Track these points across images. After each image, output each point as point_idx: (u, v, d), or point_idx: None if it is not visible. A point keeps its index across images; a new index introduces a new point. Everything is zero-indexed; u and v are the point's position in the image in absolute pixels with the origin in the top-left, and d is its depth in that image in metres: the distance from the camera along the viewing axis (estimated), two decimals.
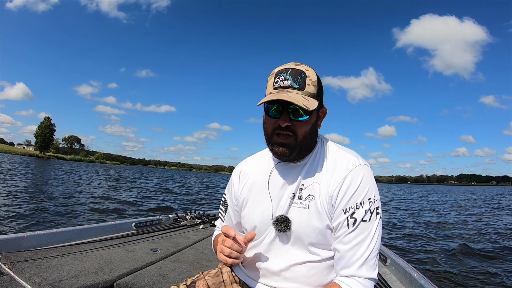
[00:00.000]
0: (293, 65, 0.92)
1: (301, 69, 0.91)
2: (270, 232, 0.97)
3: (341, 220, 0.88)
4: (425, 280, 1.60)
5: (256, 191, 1.03)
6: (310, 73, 0.91)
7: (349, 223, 0.87)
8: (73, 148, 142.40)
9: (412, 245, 5.89)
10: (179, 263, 1.82)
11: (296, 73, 0.90)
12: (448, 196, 33.00)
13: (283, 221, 0.93)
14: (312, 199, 0.92)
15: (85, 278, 1.44)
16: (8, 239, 1.68)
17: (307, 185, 0.94)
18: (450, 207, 16.54)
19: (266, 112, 0.94)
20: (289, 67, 0.91)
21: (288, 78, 0.90)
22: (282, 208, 0.95)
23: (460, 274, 4.16)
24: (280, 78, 0.91)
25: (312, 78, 0.91)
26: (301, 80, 0.90)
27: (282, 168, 0.99)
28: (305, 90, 0.90)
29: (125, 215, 7.32)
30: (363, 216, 0.87)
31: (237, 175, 1.12)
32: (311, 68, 0.93)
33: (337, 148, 0.99)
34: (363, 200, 0.88)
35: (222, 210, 1.18)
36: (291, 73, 0.90)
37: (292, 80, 0.90)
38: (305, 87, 0.90)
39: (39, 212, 6.34)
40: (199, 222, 3.10)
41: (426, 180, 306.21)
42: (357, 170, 0.90)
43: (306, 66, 0.93)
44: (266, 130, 0.96)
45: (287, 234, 0.94)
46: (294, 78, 0.90)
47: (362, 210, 0.87)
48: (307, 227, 0.92)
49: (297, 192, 0.95)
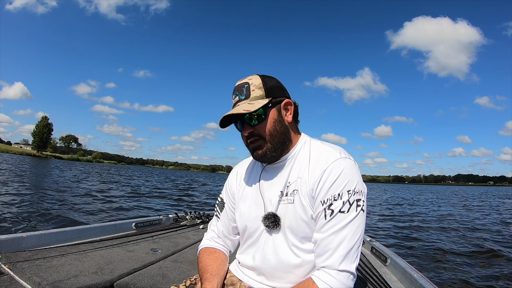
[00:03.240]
0: (238, 82, 1.02)
1: (244, 82, 1.00)
2: (262, 231, 1.01)
3: (319, 211, 0.90)
4: (425, 280, 1.60)
5: (249, 192, 1.08)
6: (253, 80, 0.99)
7: (326, 214, 0.88)
8: (71, 147, 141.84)
9: (411, 245, 5.91)
10: (179, 263, 1.81)
11: (241, 87, 1.00)
12: (453, 196, 33.12)
13: (271, 217, 0.97)
14: (296, 194, 0.96)
15: (85, 278, 1.43)
16: (8, 239, 1.67)
17: (292, 181, 0.98)
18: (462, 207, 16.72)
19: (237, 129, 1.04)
20: (236, 86, 1.02)
21: (237, 94, 1.00)
22: (272, 207, 0.99)
23: (461, 274, 4.18)
24: (233, 98, 1.02)
25: (255, 83, 0.99)
26: (246, 90, 0.98)
27: (271, 168, 1.05)
28: (251, 96, 0.97)
29: (125, 215, 7.30)
30: (341, 207, 0.87)
31: (234, 176, 1.17)
32: (255, 75, 1.01)
33: (321, 144, 1.02)
34: (342, 192, 0.88)
35: (218, 210, 1.18)
36: (237, 90, 1.01)
37: (239, 94, 1.00)
38: (250, 95, 0.98)
39: (39, 212, 6.30)
40: (199, 222, 3.11)
41: (423, 180, 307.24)
42: (337, 163, 0.92)
43: (250, 76, 1.01)
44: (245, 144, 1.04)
45: (277, 231, 0.97)
46: (240, 92, 1.00)
47: (340, 201, 0.88)
48: (294, 221, 0.94)
49: (285, 190, 0.99)
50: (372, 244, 2.47)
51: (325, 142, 1.03)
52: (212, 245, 1.13)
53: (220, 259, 1.08)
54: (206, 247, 1.14)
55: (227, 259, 1.12)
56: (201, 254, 1.11)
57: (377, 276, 1.80)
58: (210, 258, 1.07)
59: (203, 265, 1.05)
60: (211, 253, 1.10)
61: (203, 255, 1.10)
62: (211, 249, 1.12)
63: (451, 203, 19.95)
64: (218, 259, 1.08)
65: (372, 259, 2.25)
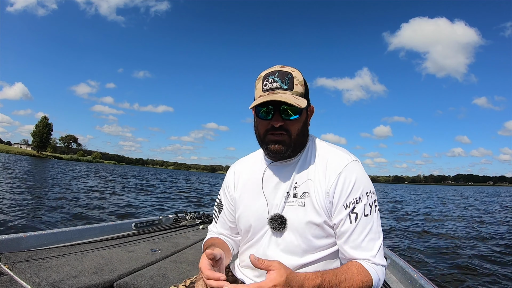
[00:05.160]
0: (280, 67, 0.96)
1: (288, 71, 0.94)
2: (266, 232, 0.98)
3: (342, 217, 0.90)
4: (425, 280, 1.60)
5: (250, 191, 1.04)
6: (297, 73, 0.95)
7: (351, 218, 0.90)
8: (70, 147, 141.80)
9: (411, 245, 5.92)
10: (179, 263, 1.81)
11: (284, 74, 0.94)
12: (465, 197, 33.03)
13: (277, 219, 0.94)
14: (307, 196, 0.94)
15: (85, 278, 1.43)
16: (8, 239, 1.67)
17: (301, 182, 0.96)
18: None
19: (256, 115, 0.97)
20: (276, 70, 0.95)
21: (277, 80, 0.93)
22: (277, 207, 0.96)
23: (461, 274, 4.18)
24: (269, 81, 0.94)
25: (299, 79, 0.95)
26: (289, 81, 0.93)
27: (275, 167, 1.01)
28: (294, 90, 0.93)
29: (125, 215, 7.29)
30: (364, 210, 0.90)
31: (231, 175, 1.13)
32: (296, 69, 0.97)
33: (328, 145, 1.02)
34: (361, 195, 0.91)
35: (217, 211, 1.16)
36: (278, 75, 0.94)
37: (280, 81, 0.93)
38: (293, 87, 0.93)
39: (38, 212, 6.31)
40: (199, 223, 3.11)
41: (423, 180, 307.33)
42: (351, 166, 0.93)
43: (291, 67, 0.97)
44: (258, 132, 0.99)
45: (283, 233, 0.95)
46: (282, 79, 0.93)
47: (361, 204, 0.91)
48: (304, 225, 0.93)
49: (292, 191, 0.96)
50: None
51: (330, 143, 1.03)
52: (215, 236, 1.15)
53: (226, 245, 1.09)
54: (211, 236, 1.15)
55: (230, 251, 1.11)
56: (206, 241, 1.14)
57: None
58: (214, 239, 1.11)
59: (207, 243, 1.08)
60: (217, 238, 1.12)
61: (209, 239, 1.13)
62: (216, 237, 1.14)
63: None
64: (225, 244, 1.10)
65: None
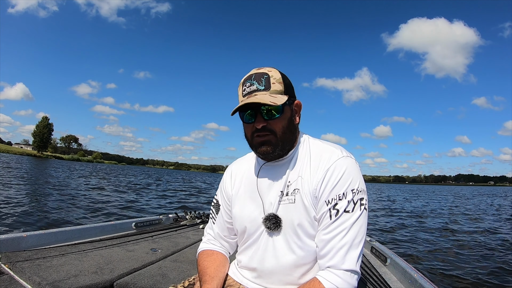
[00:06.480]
0: (256, 70, 0.97)
1: (264, 71, 0.96)
2: (262, 232, 0.98)
3: (324, 211, 0.90)
4: (425, 280, 1.60)
5: (246, 192, 1.05)
6: (273, 72, 0.96)
7: (331, 214, 0.88)
8: (71, 147, 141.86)
9: (411, 245, 5.91)
10: (179, 263, 1.81)
11: (260, 76, 0.95)
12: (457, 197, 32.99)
13: (272, 218, 0.95)
14: (297, 193, 0.94)
15: (85, 278, 1.43)
16: (8, 239, 1.67)
17: (293, 180, 0.96)
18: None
19: (242, 120, 0.99)
20: (253, 73, 0.97)
21: (253, 83, 0.95)
22: (272, 207, 0.96)
23: (461, 274, 4.17)
24: (247, 85, 0.96)
25: (276, 77, 0.95)
26: (266, 81, 0.94)
27: (269, 167, 1.02)
28: (272, 89, 0.94)
29: (125, 215, 7.30)
30: (346, 206, 0.88)
31: (228, 175, 1.14)
32: (273, 68, 0.98)
33: (321, 142, 1.02)
34: (346, 191, 0.89)
35: (214, 212, 1.16)
36: (255, 78, 0.95)
37: (257, 83, 0.95)
38: (270, 87, 0.94)
39: (38, 212, 6.30)
40: (199, 222, 3.10)
41: (423, 180, 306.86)
42: (339, 162, 0.92)
43: (268, 68, 0.98)
44: (246, 137, 1.01)
45: (278, 232, 0.95)
46: (259, 81, 0.95)
47: (345, 201, 0.88)
48: (295, 221, 0.93)
49: (285, 189, 0.97)
50: (372, 244, 2.46)
51: (324, 141, 1.02)
52: (209, 247, 1.12)
53: (218, 261, 1.06)
54: (203, 250, 1.12)
55: (226, 260, 1.10)
56: (199, 257, 1.10)
57: (377, 276, 1.80)
58: (208, 260, 1.06)
59: (202, 267, 1.04)
60: (209, 255, 1.09)
61: (201, 258, 1.08)
62: (208, 251, 1.11)
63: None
64: (217, 260, 1.06)
65: (372, 259, 2.24)
